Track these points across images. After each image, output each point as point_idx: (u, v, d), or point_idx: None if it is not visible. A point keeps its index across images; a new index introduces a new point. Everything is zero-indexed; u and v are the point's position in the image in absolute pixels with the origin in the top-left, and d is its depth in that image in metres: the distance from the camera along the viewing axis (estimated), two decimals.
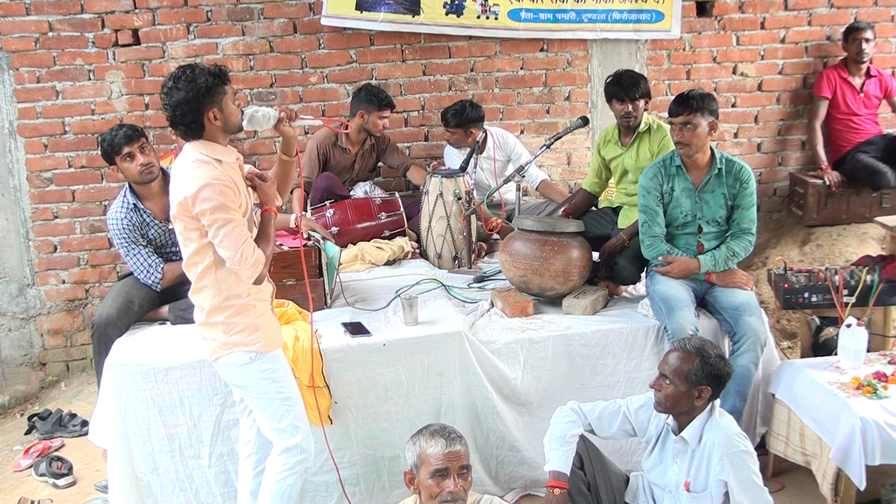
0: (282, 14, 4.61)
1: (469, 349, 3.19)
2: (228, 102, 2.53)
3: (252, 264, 2.48)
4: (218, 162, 2.51)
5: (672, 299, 3.21)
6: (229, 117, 2.54)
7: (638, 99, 3.71)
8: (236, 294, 2.58)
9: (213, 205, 2.42)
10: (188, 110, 2.46)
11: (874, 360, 3.19)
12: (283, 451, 2.67)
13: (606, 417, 2.77)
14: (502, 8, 4.70)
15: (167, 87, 2.49)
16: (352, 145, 4.48)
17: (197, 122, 2.49)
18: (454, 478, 2.25)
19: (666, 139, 3.71)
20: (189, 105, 2.45)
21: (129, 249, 3.46)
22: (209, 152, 2.51)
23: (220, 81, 2.50)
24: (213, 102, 2.49)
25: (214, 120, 2.50)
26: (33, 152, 4.56)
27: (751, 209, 3.33)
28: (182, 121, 2.48)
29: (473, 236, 4.08)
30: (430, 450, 2.29)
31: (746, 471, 2.51)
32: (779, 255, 4.61)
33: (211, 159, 2.50)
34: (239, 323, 2.59)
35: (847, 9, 4.99)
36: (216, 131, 2.53)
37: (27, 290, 4.66)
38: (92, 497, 3.46)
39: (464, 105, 4.47)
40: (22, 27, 4.43)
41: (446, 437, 2.30)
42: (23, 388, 4.66)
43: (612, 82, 3.77)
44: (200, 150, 2.51)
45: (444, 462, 2.26)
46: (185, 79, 2.46)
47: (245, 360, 2.60)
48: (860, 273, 3.40)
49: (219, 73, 2.51)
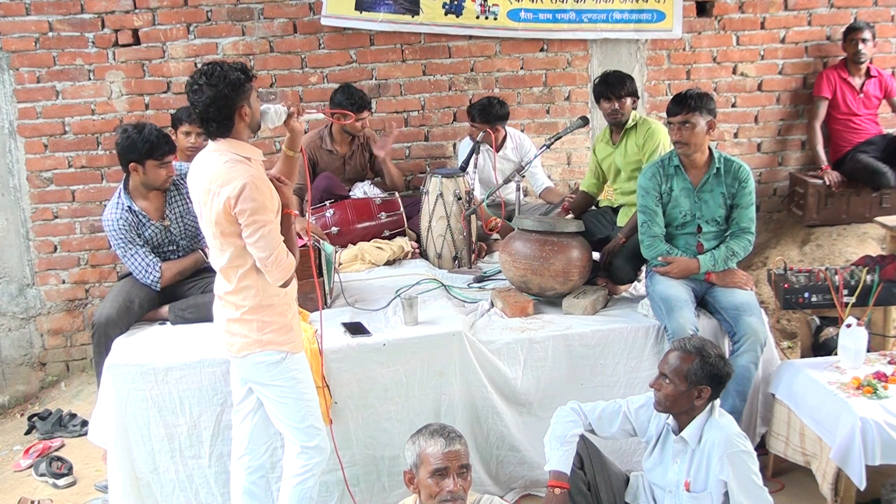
0: (282, 14, 4.62)
1: (469, 349, 3.19)
2: (254, 99, 2.55)
3: (284, 268, 2.52)
4: (248, 160, 2.52)
5: (672, 299, 3.21)
6: (255, 113, 2.56)
7: (624, 97, 3.76)
8: (275, 293, 2.60)
9: (254, 205, 2.43)
10: (222, 106, 2.45)
11: (874, 360, 3.19)
12: (302, 452, 2.69)
13: (607, 417, 2.77)
14: (501, 8, 4.70)
15: (197, 84, 2.46)
16: (338, 146, 4.48)
17: (229, 118, 2.48)
18: (454, 477, 2.25)
19: (651, 129, 3.76)
20: (223, 101, 2.44)
21: (125, 250, 3.46)
22: (239, 151, 2.51)
23: (247, 78, 2.51)
24: (244, 98, 2.49)
25: (245, 115, 2.51)
26: (33, 152, 4.56)
27: (750, 208, 3.33)
28: (216, 117, 2.47)
29: (473, 236, 4.09)
30: (429, 449, 2.29)
31: (746, 471, 2.51)
32: (779, 255, 4.61)
33: (243, 158, 2.50)
34: (275, 322, 2.61)
35: (847, 9, 5.00)
36: (243, 129, 2.54)
37: (27, 290, 4.66)
38: (92, 497, 3.46)
39: (491, 101, 4.42)
40: (22, 27, 4.43)
41: (446, 437, 2.30)
42: (23, 388, 4.66)
43: (600, 82, 3.84)
44: (230, 150, 2.51)
45: (443, 462, 2.26)
46: (217, 75, 2.44)
47: (276, 358, 2.62)
48: (860, 273, 3.40)
49: (245, 70, 2.52)
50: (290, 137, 2.78)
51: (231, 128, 2.51)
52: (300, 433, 2.69)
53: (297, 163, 2.85)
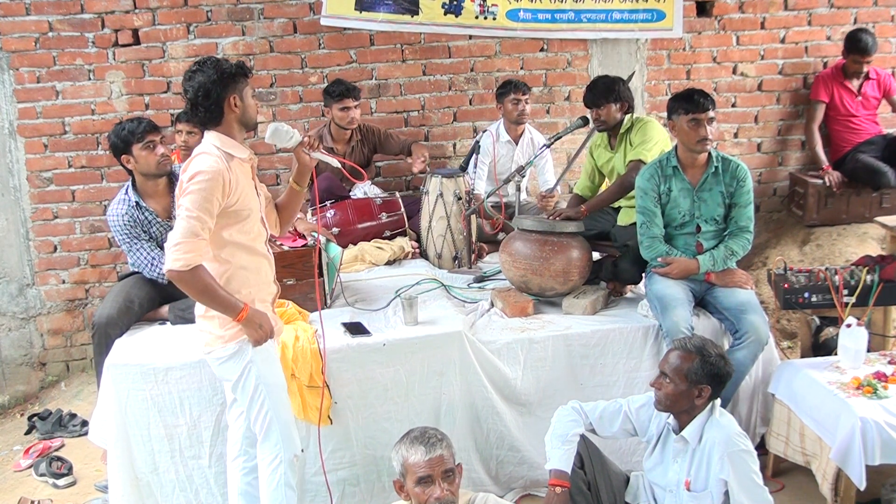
0: (282, 14, 4.62)
1: (469, 349, 3.19)
2: (248, 94, 2.57)
3: (181, 263, 2.41)
4: (228, 156, 2.51)
5: (667, 298, 3.21)
6: (248, 108, 2.57)
7: (606, 104, 3.76)
8: (237, 289, 2.56)
9: (195, 196, 2.41)
10: (211, 91, 2.48)
11: (874, 360, 3.18)
12: (265, 440, 2.66)
13: (607, 417, 2.77)
14: (500, 8, 4.71)
15: (191, 71, 2.52)
16: (337, 143, 4.48)
17: (218, 106, 2.50)
18: (439, 483, 2.25)
19: (644, 125, 3.77)
20: (213, 87, 2.47)
21: (131, 245, 3.46)
22: (222, 144, 2.52)
23: (243, 72, 2.55)
24: (236, 89, 2.52)
25: (234, 107, 2.52)
26: (33, 152, 4.56)
27: (748, 207, 3.33)
28: (204, 103, 2.49)
29: (473, 236, 4.08)
30: (411, 458, 2.29)
31: (747, 470, 2.51)
32: (779, 255, 4.61)
33: (221, 152, 2.50)
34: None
35: (847, 9, 5.00)
36: (234, 121, 2.55)
37: (27, 290, 4.66)
38: (92, 497, 3.46)
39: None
40: (22, 27, 4.43)
41: (426, 444, 2.29)
42: (23, 388, 4.66)
43: (585, 89, 3.87)
44: (214, 142, 2.53)
45: (426, 470, 2.25)
46: (210, 63, 2.50)
47: (234, 349, 2.58)
48: (860, 273, 3.39)
49: (242, 65, 2.57)
50: (297, 169, 2.78)
51: (220, 118, 2.53)
52: (257, 426, 2.65)
53: (302, 198, 2.85)
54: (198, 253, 2.44)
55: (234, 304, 2.50)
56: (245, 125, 2.60)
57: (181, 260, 2.41)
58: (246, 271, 2.60)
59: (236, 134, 2.58)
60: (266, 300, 2.69)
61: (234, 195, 2.50)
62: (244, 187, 2.55)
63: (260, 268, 2.65)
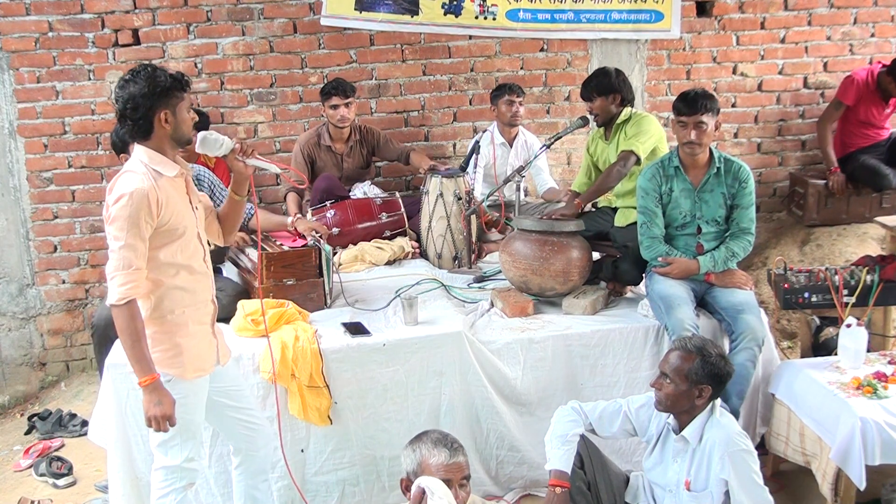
0: (282, 14, 4.62)
1: (469, 349, 3.19)
2: (182, 109, 2.41)
3: (116, 297, 2.30)
4: (157, 174, 2.38)
5: (671, 297, 3.21)
6: (181, 125, 2.41)
7: (596, 97, 3.79)
8: (170, 309, 2.44)
9: (120, 222, 2.30)
10: (140, 104, 2.33)
11: (874, 360, 3.18)
12: (160, 468, 2.57)
13: (607, 417, 2.77)
14: (500, 8, 4.71)
15: (124, 79, 2.36)
16: (335, 143, 4.48)
17: (146, 120, 2.35)
18: (455, 489, 2.23)
19: (643, 119, 3.77)
20: (143, 100, 2.32)
21: None
22: (150, 160, 2.39)
23: (179, 86, 2.39)
24: (168, 104, 2.37)
25: (165, 123, 2.37)
26: (33, 152, 4.56)
27: (750, 209, 3.33)
28: (132, 116, 2.34)
29: (473, 236, 4.08)
30: (432, 459, 2.25)
31: (747, 470, 2.51)
32: (779, 255, 4.61)
33: (149, 170, 2.37)
34: (162, 342, 2.43)
35: (847, 9, 5.00)
36: (164, 137, 2.40)
37: (27, 290, 4.66)
38: (92, 497, 3.46)
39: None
40: (22, 27, 4.43)
41: (449, 448, 2.27)
42: (23, 388, 4.66)
43: (583, 84, 3.88)
44: (141, 159, 2.39)
45: (446, 474, 2.23)
46: (145, 74, 2.34)
47: (164, 380, 2.41)
48: (860, 273, 3.39)
49: (180, 79, 2.40)
50: (233, 179, 2.62)
51: (149, 133, 2.38)
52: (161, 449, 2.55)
53: (243, 207, 2.69)
54: (135, 285, 2.32)
55: (147, 365, 2.34)
56: (177, 141, 2.44)
57: (116, 293, 2.29)
58: (182, 291, 2.46)
59: (167, 150, 2.42)
60: (204, 321, 2.55)
61: (164, 214, 2.37)
62: (175, 204, 2.41)
63: (196, 287, 2.51)
